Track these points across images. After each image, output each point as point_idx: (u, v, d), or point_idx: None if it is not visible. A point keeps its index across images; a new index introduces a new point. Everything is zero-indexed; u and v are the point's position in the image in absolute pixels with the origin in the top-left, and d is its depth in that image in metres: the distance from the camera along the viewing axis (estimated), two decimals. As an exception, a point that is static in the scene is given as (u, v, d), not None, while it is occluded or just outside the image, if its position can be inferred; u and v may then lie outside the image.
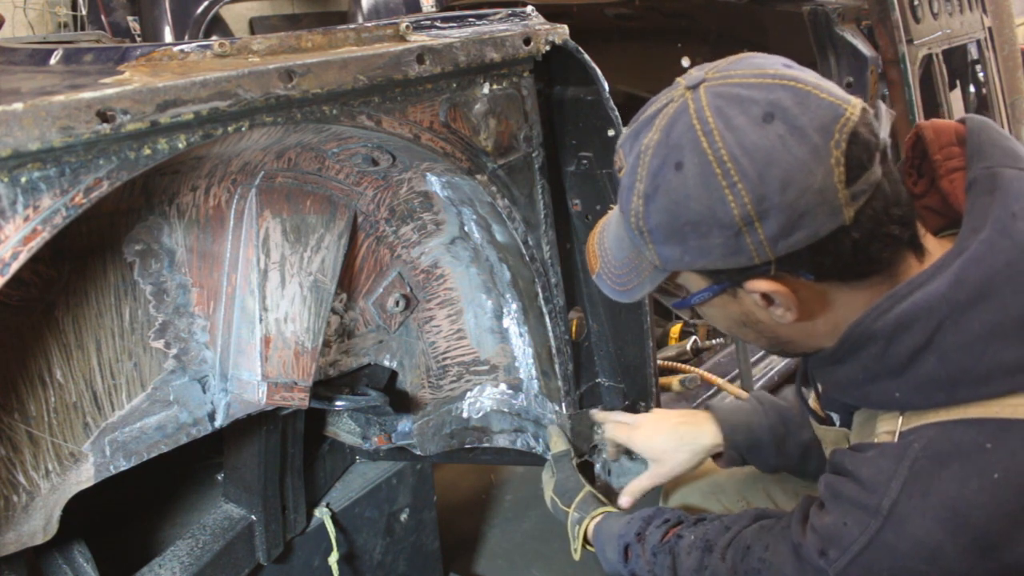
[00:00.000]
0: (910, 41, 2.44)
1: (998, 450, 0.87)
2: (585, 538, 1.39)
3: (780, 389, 2.34)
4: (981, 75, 2.88)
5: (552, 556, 2.38)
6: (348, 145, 1.26)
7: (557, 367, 1.54)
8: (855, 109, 0.86)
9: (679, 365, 2.30)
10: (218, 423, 1.33)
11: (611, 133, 1.45)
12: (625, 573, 1.27)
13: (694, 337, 2.51)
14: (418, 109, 1.20)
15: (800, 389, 1.25)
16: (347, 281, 1.50)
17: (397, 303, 1.56)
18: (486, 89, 1.29)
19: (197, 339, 1.30)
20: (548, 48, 1.35)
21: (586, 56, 1.39)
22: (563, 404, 1.58)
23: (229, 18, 3.30)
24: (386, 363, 1.64)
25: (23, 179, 0.84)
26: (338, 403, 1.50)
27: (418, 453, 1.70)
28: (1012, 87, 2.98)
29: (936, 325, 0.88)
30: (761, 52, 0.96)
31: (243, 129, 1.00)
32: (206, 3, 3.03)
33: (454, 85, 1.24)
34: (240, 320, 1.30)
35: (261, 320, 1.29)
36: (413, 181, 1.42)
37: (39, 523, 1.16)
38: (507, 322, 1.60)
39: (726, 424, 1.39)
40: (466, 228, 1.49)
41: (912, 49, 2.44)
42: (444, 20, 1.28)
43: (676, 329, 2.60)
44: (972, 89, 2.93)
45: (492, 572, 2.38)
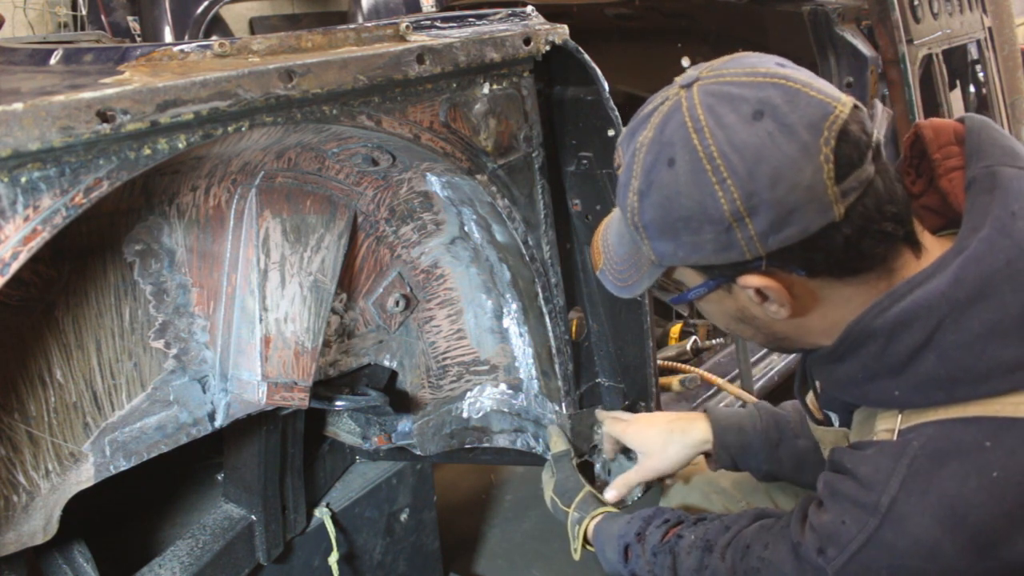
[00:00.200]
0: (910, 41, 2.43)
1: (997, 448, 0.87)
2: (585, 538, 1.39)
3: (780, 389, 2.34)
4: (981, 75, 2.88)
5: (552, 556, 2.38)
6: (348, 145, 1.26)
7: (557, 367, 1.54)
8: (845, 107, 0.87)
9: (679, 365, 2.29)
10: (218, 423, 1.33)
11: (611, 133, 1.45)
12: (625, 573, 1.27)
13: (694, 337, 2.50)
14: (418, 109, 1.20)
15: (799, 390, 1.25)
16: (347, 281, 1.50)
17: (397, 303, 1.56)
18: (486, 89, 1.29)
19: (197, 339, 1.30)
20: (548, 48, 1.35)
21: (586, 56, 1.39)
22: (563, 404, 1.58)
23: (229, 18, 3.30)
24: (386, 363, 1.64)
25: (23, 179, 0.84)
26: (338, 403, 1.50)
27: (418, 453, 1.69)
28: (1012, 87, 2.98)
29: (936, 324, 0.88)
30: (761, 52, 0.96)
31: (243, 129, 1.00)
32: (206, 3, 3.03)
33: (454, 85, 1.24)
34: (240, 320, 1.30)
35: (261, 320, 1.29)
36: (413, 181, 1.42)
37: (39, 523, 1.16)
38: (507, 322, 1.60)
39: (717, 424, 1.39)
40: (466, 228, 1.49)
41: (912, 49, 2.44)
42: (444, 20, 1.28)
43: (676, 329, 2.59)
44: (972, 89, 2.93)
45: (492, 572, 2.38)
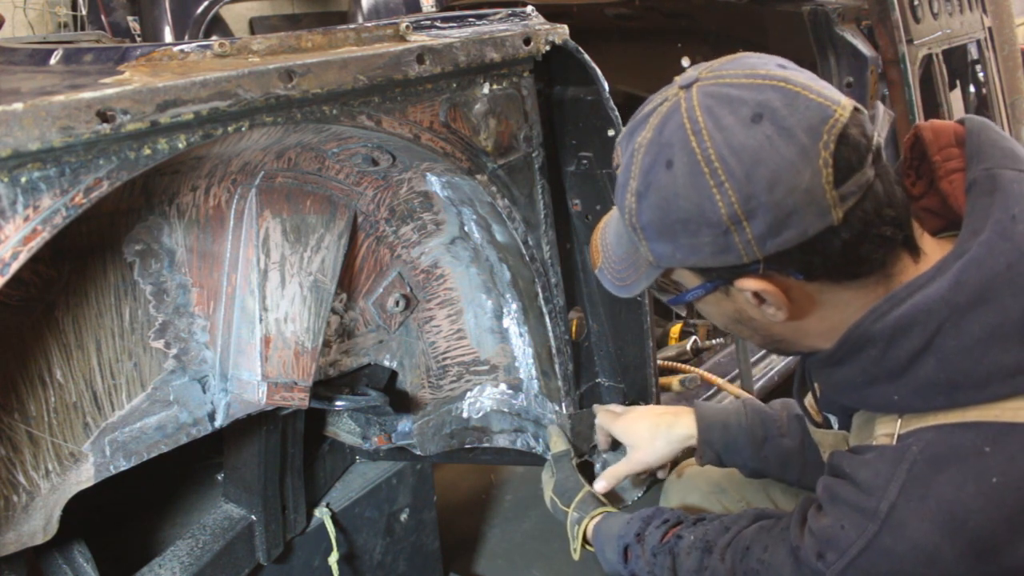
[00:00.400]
0: (910, 41, 2.43)
1: (997, 454, 0.87)
2: (585, 538, 1.39)
3: (780, 389, 2.34)
4: (981, 75, 2.88)
5: (552, 556, 2.38)
6: (348, 145, 1.26)
7: (557, 367, 1.54)
8: (845, 110, 0.86)
9: (679, 365, 2.29)
10: (218, 423, 1.33)
11: (611, 133, 1.45)
12: (625, 574, 1.27)
13: (694, 337, 2.50)
14: (418, 109, 1.20)
15: (798, 392, 1.25)
16: (347, 281, 1.50)
17: (397, 303, 1.56)
18: (486, 89, 1.29)
19: (197, 339, 1.30)
20: (548, 48, 1.35)
21: (586, 56, 1.39)
22: (563, 404, 1.58)
23: (229, 18, 3.30)
24: (386, 363, 1.64)
25: (23, 179, 0.84)
26: (338, 403, 1.50)
27: (418, 453, 1.69)
28: (1012, 87, 2.98)
29: (936, 328, 0.88)
30: (761, 52, 0.96)
31: (243, 129, 1.00)
32: (206, 3, 3.03)
33: (454, 85, 1.24)
34: (240, 320, 1.30)
35: (261, 320, 1.29)
36: (413, 181, 1.42)
37: (39, 523, 1.16)
38: (507, 322, 1.60)
39: (703, 420, 1.40)
40: (466, 228, 1.49)
41: (912, 49, 2.44)
42: (444, 20, 1.28)
43: (676, 329, 2.59)
44: (972, 89, 2.93)
45: (492, 572, 2.37)
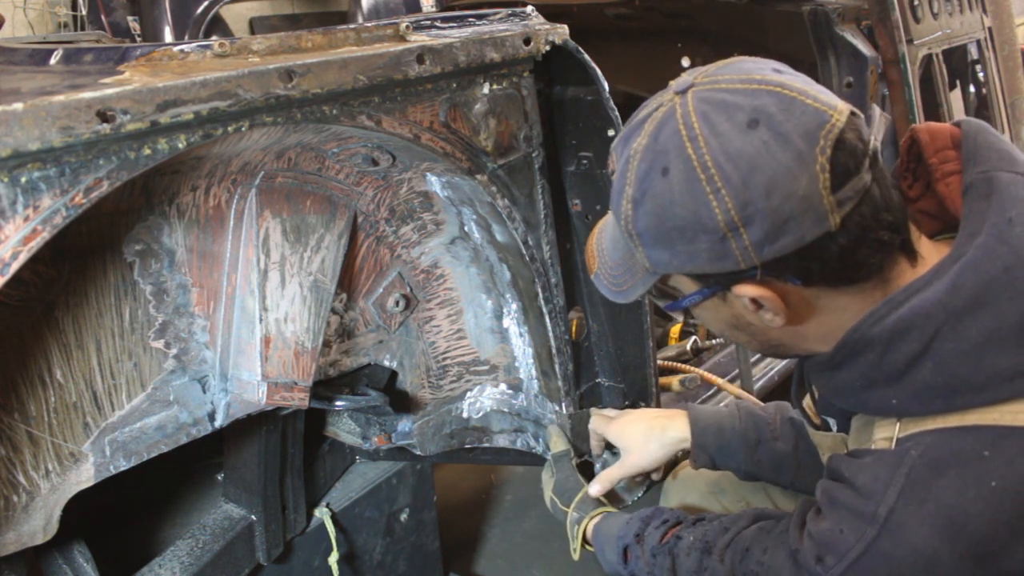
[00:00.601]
0: (910, 41, 2.43)
1: (996, 458, 0.87)
2: (584, 538, 1.39)
3: (779, 390, 2.34)
4: (981, 75, 2.88)
5: (552, 556, 2.38)
6: (348, 145, 1.26)
7: (557, 367, 1.54)
8: (841, 115, 0.86)
9: (679, 365, 2.29)
10: (218, 423, 1.33)
11: (611, 133, 1.45)
12: (625, 574, 1.27)
13: (694, 337, 2.50)
14: (418, 109, 1.20)
15: (796, 395, 1.25)
16: (347, 281, 1.50)
17: (397, 303, 1.56)
18: (486, 89, 1.29)
19: (197, 339, 1.30)
20: (548, 48, 1.35)
21: (586, 56, 1.39)
22: (563, 404, 1.58)
23: (229, 18, 3.30)
24: (386, 363, 1.64)
25: (23, 179, 0.84)
26: (338, 403, 1.50)
27: (418, 453, 1.69)
28: (1012, 87, 2.98)
29: (933, 332, 0.88)
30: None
31: (243, 129, 1.00)
32: (206, 3, 3.03)
33: (454, 85, 1.24)
34: (240, 320, 1.30)
35: (261, 320, 1.29)
36: (413, 181, 1.42)
37: (39, 523, 1.16)
38: (507, 322, 1.59)
39: (696, 424, 1.39)
40: (466, 228, 1.49)
41: (912, 49, 2.44)
42: (444, 20, 1.28)
43: (676, 329, 2.59)
44: (972, 89, 2.93)
45: (492, 572, 2.37)
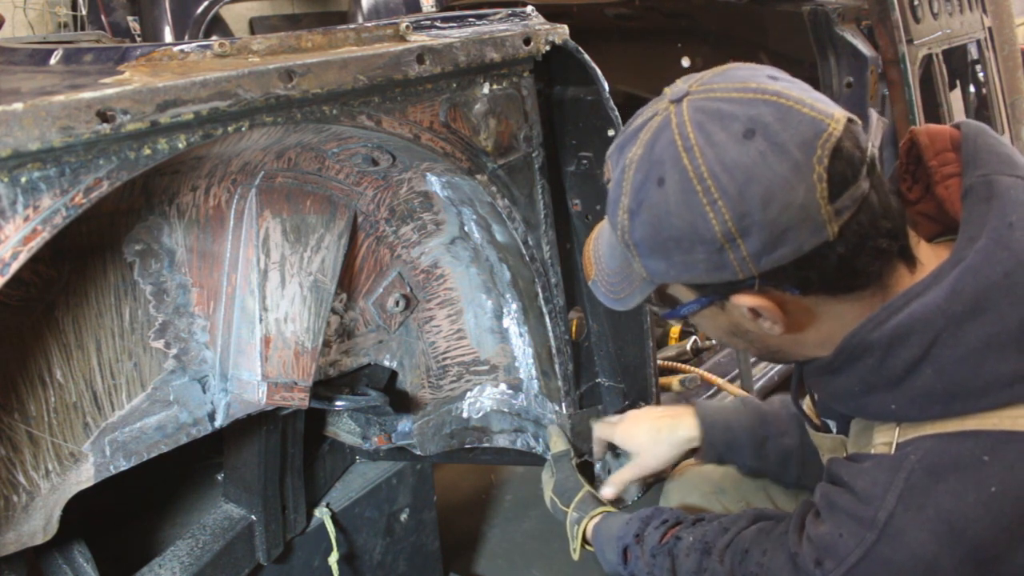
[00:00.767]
0: (910, 41, 2.43)
1: (995, 463, 0.86)
2: (584, 538, 1.39)
3: (778, 390, 2.34)
4: (981, 75, 2.87)
5: (552, 556, 2.37)
6: (348, 145, 1.26)
7: (557, 367, 1.54)
8: (839, 123, 0.85)
9: (679, 365, 2.29)
10: (218, 423, 1.33)
11: (611, 133, 1.45)
12: (625, 574, 1.27)
13: (694, 337, 2.50)
14: (418, 109, 1.20)
15: (795, 396, 1.25)
16: (347, 281, 1.50)
17: (397, 303, 1.56)
18: (486, 89, 1.29)
19: (197, 339, 1.30)
20: (548, 48, 1.35)
21: (586, 56, 1.39)
22: (563, 404, 1.58)
23: (229, 18, 3.30)
24: (386, 363, 1.64)
25: (23, 179, 0.84)
26: (338, 403, 1.50)
27: (418, 453, 1.69)
28: (1012, 87, 2.98)
29: (933, 337, 0.87)
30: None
31: (243, 129, 1.00)
32: (206, 3, 3.04)
33: (454, 85, 1.24)
34: (240, 320, 1.30)
35: (261, 320, 1.29)
36: (413, 181, 1.42)
37: (39, 523, 1.16)
38: (507, 322, 1.59)
39: (705, 420, 1.39)
40: (466, 228, 1.49)
41: (912, 49, 2.44)
42: (444, 20, 1.28)
43: (676, 329, 2.59)
44: (972, 89, 2.93)
45: (492, 572, 2.37)
